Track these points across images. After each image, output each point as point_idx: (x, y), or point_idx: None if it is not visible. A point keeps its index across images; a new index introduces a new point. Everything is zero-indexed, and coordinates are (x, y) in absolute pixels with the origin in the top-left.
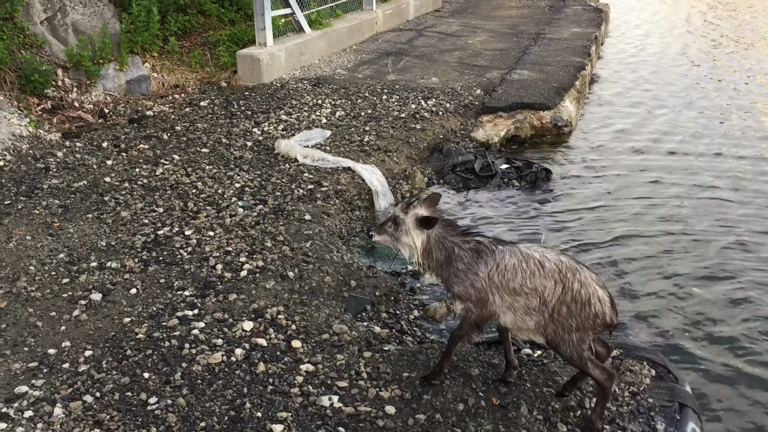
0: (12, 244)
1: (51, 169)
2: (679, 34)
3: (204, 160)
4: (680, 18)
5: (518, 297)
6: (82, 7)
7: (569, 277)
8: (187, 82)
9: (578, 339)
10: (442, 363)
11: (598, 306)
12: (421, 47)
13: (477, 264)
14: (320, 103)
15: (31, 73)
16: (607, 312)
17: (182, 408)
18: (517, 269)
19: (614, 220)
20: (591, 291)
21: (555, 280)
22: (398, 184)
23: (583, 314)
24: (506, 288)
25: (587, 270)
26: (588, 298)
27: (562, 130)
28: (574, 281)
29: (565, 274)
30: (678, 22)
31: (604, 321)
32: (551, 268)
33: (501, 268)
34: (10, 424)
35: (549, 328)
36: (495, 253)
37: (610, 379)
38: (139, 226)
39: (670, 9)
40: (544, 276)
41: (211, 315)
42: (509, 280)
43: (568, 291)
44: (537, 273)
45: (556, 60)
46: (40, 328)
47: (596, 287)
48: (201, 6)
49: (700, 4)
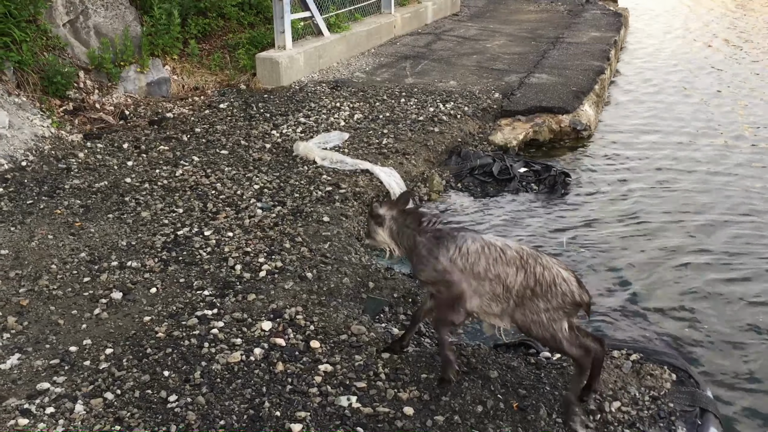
0: (34, 243)
1: (72, 170)
2: (700, 37)
3: (223, 161)
4: (701, 21)
5: (483, 282)
6: (104, 10)
7: (530, 263)
8: (206, 84)
9: (548, 319)
10: (444, 355)
11: (564, 285)
12: (440, 51)
13: (438, 249)
14: (339, 105)
15: (54, 74)
16: (575, 290)
17: (202, 406)
18: (480, 254)
19: (634, 224)
20: (555, 272)
21: (516, 266)
22: (416, 186)
23: (549, 295)
24: (471, 272)
25: (548, 256)
26: (552, 279)
27: (581, 134)
28: (536, 266)
29: (526, 260)
30: (699, 26)
31: (573, 299)
32: (512, 255)
33: (464, 252)
34: (32, 420)
35: (517, 314)
36: (456, 239)
37: (586, 354)
38: (159, 227)
39: (691, 12)
40: (505, 263)
41: (230, 315)
42: (473, 264)
43: (530, 275)
44: (499, 259)
45: (575, 64)
46: (61, 325)
47: (559, 269)
48: (221, 9)
49: (720, 8)
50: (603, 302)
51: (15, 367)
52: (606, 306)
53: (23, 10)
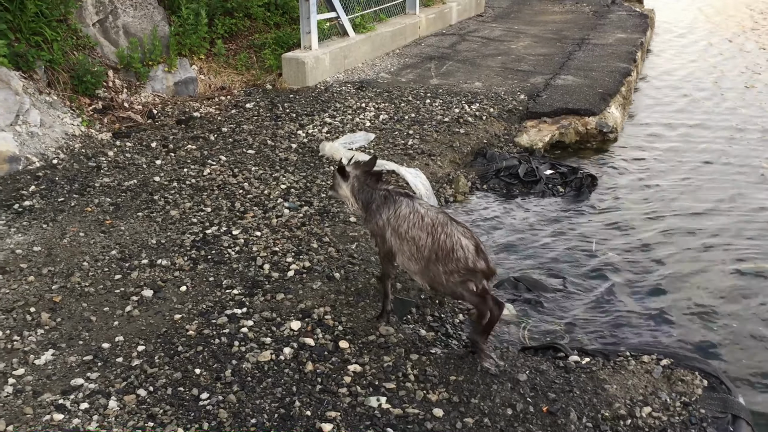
0: (66, 241)
1: (102, 168)
2: (728, 38)
3: (250, 161)
4: (729, 23)
5: (403, 242)
6: (132, 9)
7: (438, 230)
8: (233, 84)
9: (447, 280)
10: (384, 303)
11: (461, 252)
12: (464, 52)
13: (382, 207)
14: (364, 106)
15: (84, 73)
16: (470, 257)
17: (233, 404)
18: (405, 218)
19: (662, 227)
20: (455, 240)
21: (427, 232)
22: (442, 188)
23: (448, 259)
24: (396, 232)
25: (457, 225)
26: (451, 246)
27: (608, 136)
28: (441, 233)
29: (435, 228)
30: (726, 27)
31: (466, 265)
32: (427, 222)
33: (396, 214)
34: (67, 415)
35: (425, 274)
36: (396, 202)
37: (483, 303)
38: (187, 225)
39: (717, 13)
40: (420, 228)
41: (259, 314)
42: (399, 226)
43: (436, 241)
44: (417, 225)
45: (601, 65)
46: (93, 322)
47: (460, 237)
48: (248, 9)
49: (745, 9)
50: (632, 305)
51: (49, 362)
52: (635, 310)
53: (54, 9)
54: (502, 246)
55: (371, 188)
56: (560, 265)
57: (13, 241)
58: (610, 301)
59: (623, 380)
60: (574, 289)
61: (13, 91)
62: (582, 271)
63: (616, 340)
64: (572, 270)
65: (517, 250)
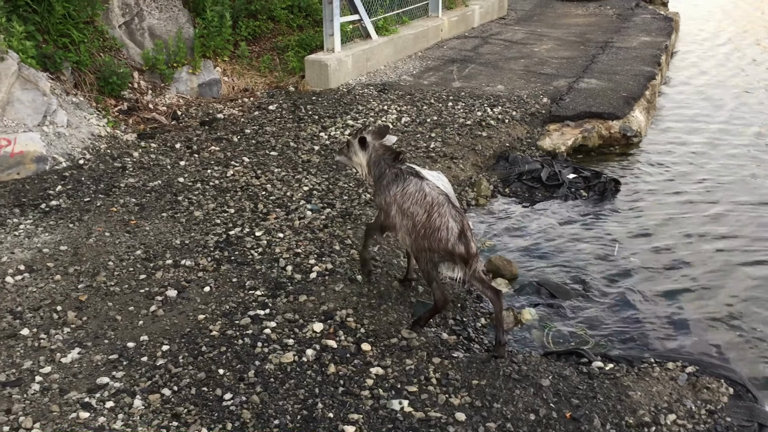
0: (92, 240)
1: (127, 169)
2: (755, 42)
3: (273, 162)
4: (755, 25)
5: (404, 218)
6: (158, 12)
7: (434, 209)
8: (256, 86)
9: (427, 259)
10: (362, 253)
11: (444, 233)
12: (487, 54)
13: (392, 184)
14: (386, 108)
15: (110, 75)
16: (451, 240)
17: (256, 405)
18: (411, 196)
19: (685, 232)
20: (443, 221)
21: (425, 209)
22: (464, 191)
23: (432, 237)
24: (401, 209)
25: (451, 208)
26: (438, 225)
27: (631, 140)
28: (434, 212)
29: (432, 206)
30: (753, 30)
31: (446, 247)
32: (428, 201)
33: (403, 192)
34: (93, 413)
35: (413, 245)
36: (405, 180)
37: (443, 301)
38: (211, 226)
39: (744, 16)
40: (420, 205)
41: (282, 315)
42: (404, 202)
43: (429, 219)
44: (419, 202)
45: (625, 69)
46: (119, 321)
47: (449, 219)
48: (271, 12)
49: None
50: (655, 311)
51: (75, 361)
52: (658, 315)
53: (81, 11)
54: (523, 250)
55: (386, 164)
56: (583, 270)
57: (40, 240)
58: (633, 306)
59: (648, 387)
60: (597, 294)
61: (41, 91)
62: (605, 276)
63: (639, 346)
64: (595, 274)
65: (538, 254)
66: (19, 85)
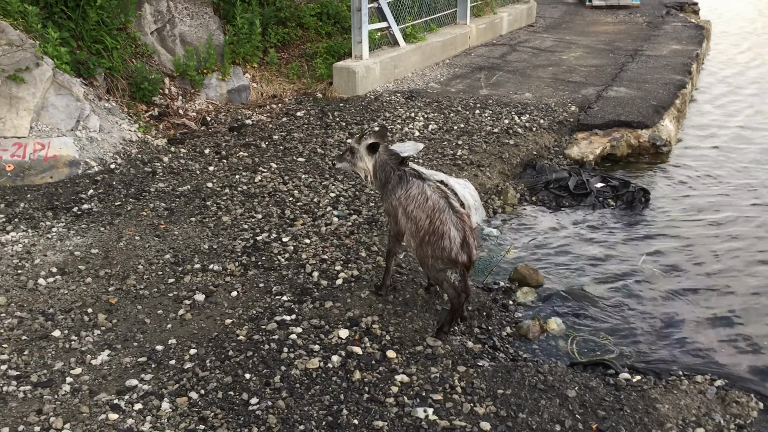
0: (122, 244)
1: (158, 173)
2: None
3: (300, 169)
4: None
5: (409, 220)
6: (189, 19)
7: (436, 215)
8: (284, 92)
9: (432, 263)
10: (384, 277)
11: (447, 242)
12: (515, 62)
13: (396, 187)
14: (413, 116)
15: (141, 81)
16: (454, 249)
17: (282, 410)
18: (413, 199)
19: (714, 245)
20: (445, 229)
21: (427, 214)
22: (490, 199)
23: (435, 245)
24: (405, 211)
25: (453, 214)
26: (441, 233)
27: (661, 149)
28: (437, 219)
29: (434, 212)
30: None
31: (449, 255)
32: (429, 206)
33: (406, 194)
34: (122, 415)
35: (418, 250)
36: (408, 183)
37: (457, 297)
38: (239, 231)
39: None
40: (422, 210)
41: (308, 321)
42: (407, 205)
43: (431, 225)
44: (421, 206)
45: (655, 77)
46: (148, 324)
47: (451, 227)
48: (300, 19)
49: None
50: (683, 323)
51: (105, 363)
52: (686, 327)
53: (115, 18)
54: (550, 258)
55: (391, 168)
56: (609, 280)
57: (72, 243)
58: (661, 318)
59: (675, 400)
60: (624, 304)
61: (74, 97)
62: (631, 286)
63: (667, 358)
64: (622, 285)
65: (565, 263)
66: (54, 91)
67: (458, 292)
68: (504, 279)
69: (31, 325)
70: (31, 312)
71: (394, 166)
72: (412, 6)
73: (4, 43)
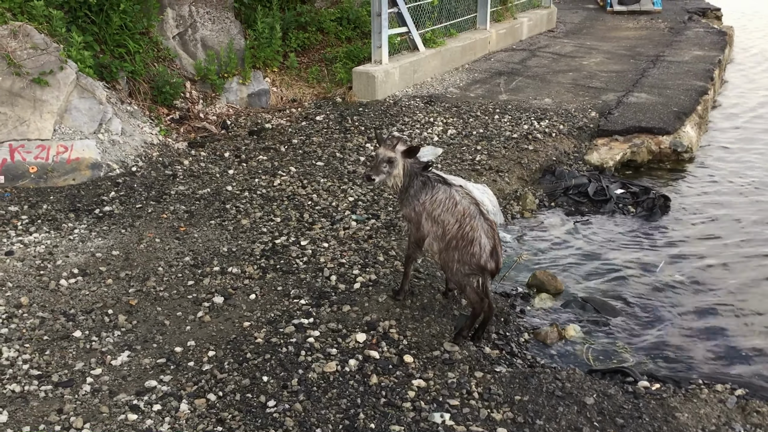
0: (143, 246)
1: (178, 176)
2: None
3: (319, 173)
4: None
5: (434, 225)
6: (210, 23)
7: (467, 221)
8: (304, 96)
9: (458, 269)
10: (403, 282)
11: (477, 249)
12: (534, 67)
13: (420, 192)
14: (432, 120)
15: (163, 84)
16: (484, 256)
17: (299, 413)
18: (441, 203)
19: (734, 252)
20: (476, 236)
21: (456, 219)
22: (509, 204)
23: (464, 251)
24: (431, 216)
25: (484, 220)
26: (471, 239)
27: (682, 156)
28: (467, 225)
29: (464, 217)
30: None
31: (479, 262)
32: (459, 210)
33: (432, 199)
34: (141, 415)
35: (443, 254)
36: (434, 188)
37: (480, 303)
38: (258, 234)
39: None
40: (452, 214)
41: (325, 324)
42: (433, 210)
43: (461, 230)
44: (449, 210)
45: (677, 83)
46: (167, 326)
47: (482, 234)
48: (320, 24)
49: None
50: (703, 331)
51: (125, 363)
52: (705, 335)
53: (137, 23)
54: (568, 265)
55: (416, 173)
56: (628, 287)
57: (94, 245)
58: (680, 325)
59: (695, 409)
60: (642, 312)
61: (97, 100)
62: (650, 294)
63: (686, 366)
64: (641, 292)
65: (584, 269)
66: (77, 94)
67: (481, 297)
68: (522, 285)
69: (52, 325)
70: (53, 312)
71: (418, 171)
72: (432, 11)
73: (29, 47)
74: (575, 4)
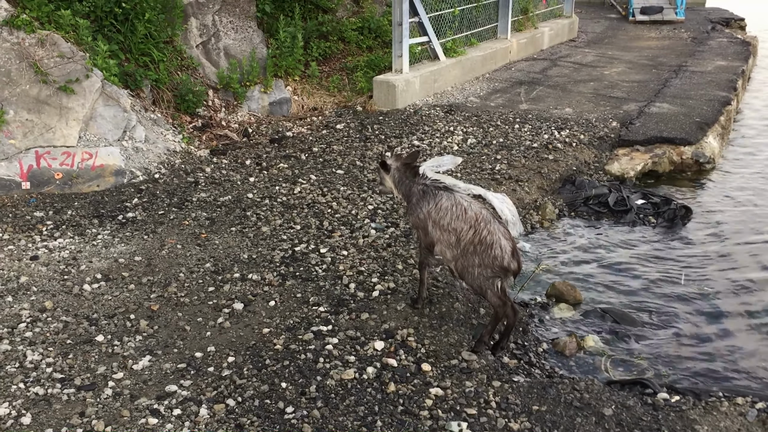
0: (164, 252)
1: (200, 183)
2: None
3: (339, 181)
4: None
5: (444, 233)
6: (233, 32)
7: (482, 225)
8: (324, 105)
9: (479, 273)
10: (420, 290)
11: (498, 251)
12: (555, 77)
13: (422, 201)
14: (452, 129)
15: (186, 93)
16: (505, 257)
17: (317, 420)
18: (447, 210)
19: (756, 264)
20: (495, 239)
21: (470, 225)
22: (528, 214)
23: (484, 254)
24: (438, 224)
25: (499, 224)
26: (491, 243)
27: (704, 166)
28: (484, 229)
29: (479, 222)
30: None
31: (501, 263)
32: (471, 216)
33: (437, 207)
34: (161, 420)
35: (459, 261)
36: (435, 196)
37: (503, 306)
38: (278, 242)
39: None
40: (464, 220)
41: (344, 332)
42: (440, 218)
43: (477, 235)
44: (460, 217)
45: (699, 94)
46: (188, 331)
47: (501, 236)
48: (342, 33)
49: None
50: (723, 342)
51: (146, 368)
52: (726, 348)
53: (162, 32)
54: (588, 275)
55: (410, 182)
56: (649, 298)
57: (117, 251)
58: (700, 337)
59: (715, 422)
60: (663, 324)
61: (121, 108)
62: (671, 305)
63: (706, 379)
64: (661, 303)
65: (604, 280)
66: (102, 102)
67: (503, 301)
68: (541, 295)
69: (75, 329)
70: (76, 317)
71: (412, 180)
72: (453, 20)
73: (56, 55)
74: (597, 14)
